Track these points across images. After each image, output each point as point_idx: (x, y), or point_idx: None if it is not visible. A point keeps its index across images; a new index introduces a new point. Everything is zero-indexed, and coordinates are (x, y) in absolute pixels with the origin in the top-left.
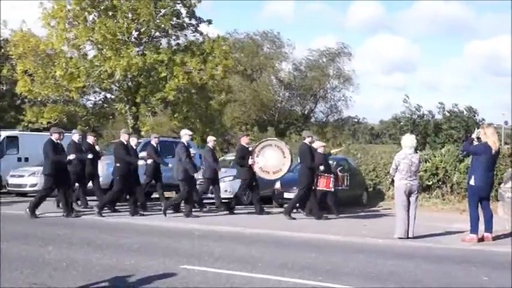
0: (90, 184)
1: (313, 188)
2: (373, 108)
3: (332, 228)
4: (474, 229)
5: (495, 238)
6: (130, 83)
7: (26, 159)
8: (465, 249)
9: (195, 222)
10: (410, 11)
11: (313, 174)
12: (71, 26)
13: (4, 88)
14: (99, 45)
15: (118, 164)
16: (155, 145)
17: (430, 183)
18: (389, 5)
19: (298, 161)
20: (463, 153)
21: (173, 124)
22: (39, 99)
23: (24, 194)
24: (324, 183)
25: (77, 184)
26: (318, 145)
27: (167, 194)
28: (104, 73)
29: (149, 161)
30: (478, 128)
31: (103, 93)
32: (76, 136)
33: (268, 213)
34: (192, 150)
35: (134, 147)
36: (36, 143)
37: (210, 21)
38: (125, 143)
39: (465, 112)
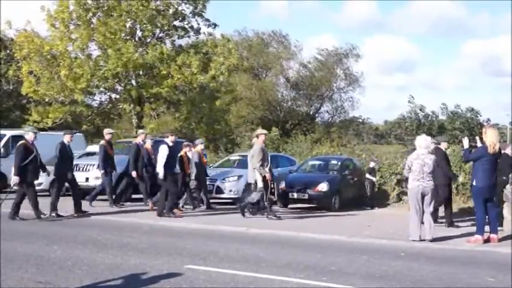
0: None
1: None
2: (375, 108)
3: (336, 229)
4: (480, 230)
5: (501, 239)
6: (133, 82)
7: None
8: (470, 250)
9: (199, 222)
10: (406, 10)
11: None
12: (74, 27)
13: (10, 88)
14: (102, 45)
15: None
16: None
17: None
18: (384, 4)
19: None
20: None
21: (176, 124)
22: (46, 100)
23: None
24: None
25: None
26: None
27: None
28: (108, 72)
29: None
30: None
31: (108, 93)
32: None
33: None
34: None
35: None
36: (41, 143)
37: (215, 25)
38: None
39: (468, 113)
